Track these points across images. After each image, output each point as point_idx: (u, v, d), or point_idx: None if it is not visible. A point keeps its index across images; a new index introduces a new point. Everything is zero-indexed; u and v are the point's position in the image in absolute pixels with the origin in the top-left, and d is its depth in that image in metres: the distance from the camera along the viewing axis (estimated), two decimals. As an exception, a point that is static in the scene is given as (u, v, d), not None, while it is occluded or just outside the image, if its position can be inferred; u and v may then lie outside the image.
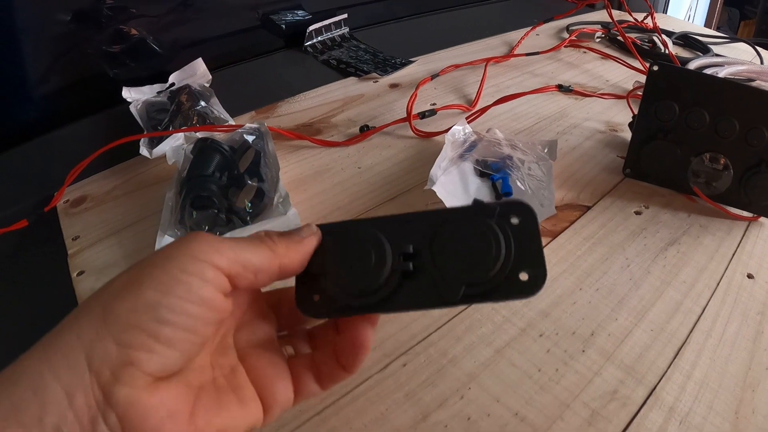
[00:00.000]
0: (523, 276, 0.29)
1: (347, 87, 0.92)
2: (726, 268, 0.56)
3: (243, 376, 0.30)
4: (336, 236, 0.32)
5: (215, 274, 0.27)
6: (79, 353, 0.24)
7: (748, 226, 0.62)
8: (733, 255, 0.58)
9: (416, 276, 0.30)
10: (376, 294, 0.30)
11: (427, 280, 0.30)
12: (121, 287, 0.26)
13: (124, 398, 0.24)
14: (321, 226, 0.32)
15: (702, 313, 0.51)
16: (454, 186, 0.61)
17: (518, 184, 0.60)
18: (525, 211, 0.30)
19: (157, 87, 0.79)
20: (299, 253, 0.31)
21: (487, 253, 0.29)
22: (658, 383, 0.45)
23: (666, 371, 0.46)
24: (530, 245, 0.29)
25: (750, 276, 0.56)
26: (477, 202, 0.31)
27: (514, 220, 0.30)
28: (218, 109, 0.76)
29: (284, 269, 0.30)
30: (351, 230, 0.32)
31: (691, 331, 0.49)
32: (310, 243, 0.31)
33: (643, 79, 0.62)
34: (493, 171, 0.62)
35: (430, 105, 0.85)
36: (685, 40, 1.16)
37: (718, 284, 0.54)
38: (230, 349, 0.31)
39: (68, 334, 0.24)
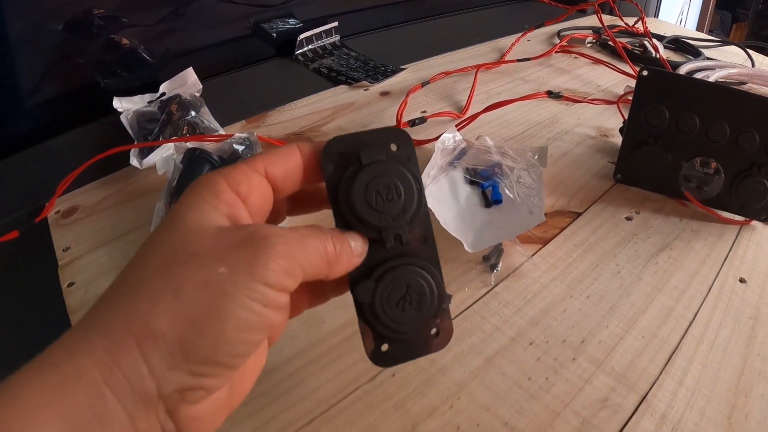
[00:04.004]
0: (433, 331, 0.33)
1: (338, 95, 0.91)
2: (718, 273, 0.56)
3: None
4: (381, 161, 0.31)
5: (284, 297, 0.27)
6: (148, 382, 0.23)
7: (740, 230, 0.62)
8: (725, 259, 0.58)
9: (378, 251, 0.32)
10: (371, 231, 0.31)
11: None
12: (194, 315, 0.24)
13: (185, 415, 0.25)
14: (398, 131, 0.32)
15: (694, 319, 0.51)
16: (443, 194, 0.61)
17: (507, 192, 0.60)
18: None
19: (147, 97, 0.79)
20: (348, 268, 0.31)
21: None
22: (649, 390, 0.44)
23: (657, 378, 0.45)
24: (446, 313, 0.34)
25: (742, 280, 0.56)
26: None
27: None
28: (208, 119, 0.75)
29: (329, 277, 0.30)
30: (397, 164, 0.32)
31: (682, 337, 0.49)
32: (358, 261, 0.31)
33: (633, 83, 0.63)
34: (482, 179, 0.62)
35: (421, 112, 0.85)
36: (676, 44, 1.16)
37: (710, 289, 0.54)
38: None
39: (135, 356, 0.23)
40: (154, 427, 0.24)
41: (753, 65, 1.07)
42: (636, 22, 1.22)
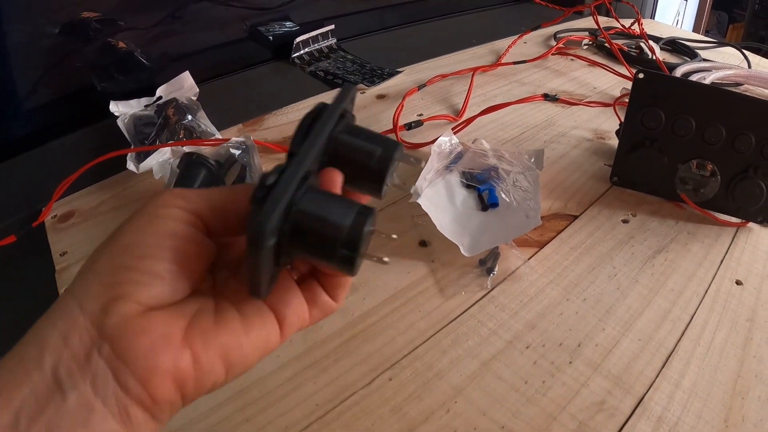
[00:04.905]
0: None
1: (335, 98, 0.91)
2: (714, 275, 0.56)
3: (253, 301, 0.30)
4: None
5: (181, 212, 0.28)
6: (73, 304, 0.25)
7: (736, 232, 0.62)
8: (722, 261, 0.58)
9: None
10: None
11: None
12: (103, 244, 0.27)
13: (114, 326, 0.24)
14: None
15: (690, 321, 0.51)
16: (439, 198, 0.61)
17: (503, 196, 0.60)
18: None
19: (144, 100, 0.79)
20: None
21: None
22: (646, 393, 0.44)
23: (654, 381, 0.45)
24: None
25: (738, 282, 0.56)
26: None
27: None
28: (205, 123, 0.75)
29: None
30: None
31: (679, 340, 0.49)
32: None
33: (630, 86, 0.63)
34: (479, 182, 0.62)
35: (417, 116, 0.85)
36: (673, 45, 1.16)
37: (706, 291, 0.54)
38: (232, 279, 0.31)
39: (65, 295, 0.26)
40: (84, 342, 0.24)
41: (749, 66, 1.07)
42: (632, 24, 1.22)
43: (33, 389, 0.23)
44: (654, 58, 1.02)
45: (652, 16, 1.61)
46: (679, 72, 0.93)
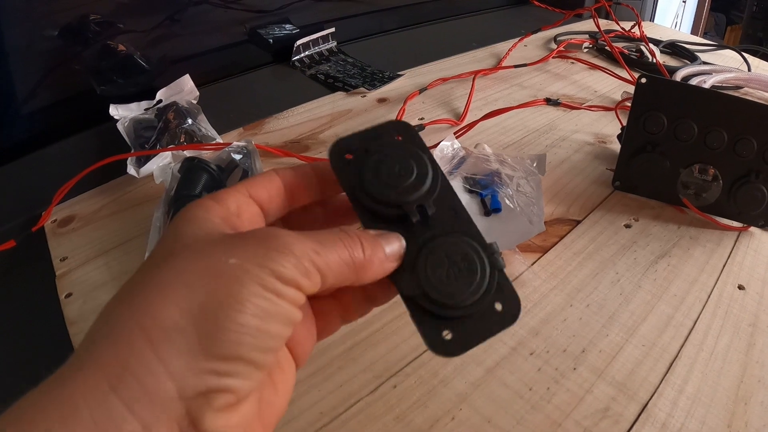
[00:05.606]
0: (498, 306, 0.28)
1: (335, 102, 0.91)
2: (717, 280, 0.56)
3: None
4: (395, 142, 0.30)
5: (299, 295, 0.24)
6: (167, 383, 0.21)
7: (738, 236, 0.62)
8: (724, 266, 0.58)
9: (407, 233, 0.29)
10: (385, 208, 0.29)
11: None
12: (210, 305, 0.22)
13: (211, 425, 0.22)
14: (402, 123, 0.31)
15: (693, 327, 0.51)
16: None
17: (506, 201, 0.60)
18: (512, 305, 0.29)
19: (144, 104, 0.78)
20: (380, 274, 0.28)
21: (463, 288, 0.28)
22: (650, 399, 0.44)
23: (658, 387, 0.45)
24: (480, 331, 0.28)
25: (741, 287, 0.56)
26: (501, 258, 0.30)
27: (498, 306, 0.29)
28: (205, 127, 0.75)
29: (357, 283, 0.28)
30: (413, 145, 0.31)
31: (682, 346, 0.49)
32: (392, 266, 0.28)
33: (631, 89, 0.63)
34: (481, 187, 0.62)
35: (419, 119, 0.85)
36: (673, 48, 1.16)
37: (709, 296, 0.54)
38: None
39: (148, 356, 0.21)
40: None
41: (749, 69, 1.07)
42: (632, 27, 1.22)
43: None
44: (654, 61, 1.02)
45: (652, 19, 1.61)
46: (679, 75, 0.93)
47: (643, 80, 0.62)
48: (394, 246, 0.28)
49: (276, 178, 0.29)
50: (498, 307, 0.28)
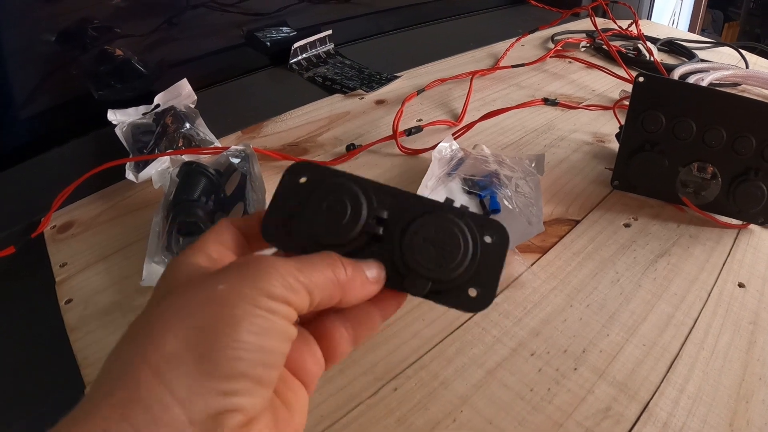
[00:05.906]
0: (472, 292, 0.30)
1: (333, 104, 0.91)
2: (717, 278, 0.56)
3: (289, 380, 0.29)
4: (316, 180, 0.31)
5: (290, 311, 0.25)
6: (174, 409, 0.21)
7: (737, 234, 0.62)
8: (724, 264, 0.58)
9: (382, 245, 0.30)
10: (343, 247, 0.30)
11: (389, 254, 0.30)
12: (207, 328, 0.23)
13: None
14: (302, 165, 0.32)
15: (694, 326, 0.51)
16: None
17: (505, 202, 0.60)
18: (500, 233, 0.31)
19: (142, 108, 0.78)
20: (364, 294, 0.29)
21: (455, 257, 0.29)
22: (651, 399, 0.44)
23: (659, 386, 0.45)
24: (492, 266, 0.30)
25: (741, 285, 0.56)
26: (464, 208, 0.31)
27: (488, 239, 0.30)
28: (204, 131, 0.75)
29: (343, 303, 0.29)
30: (332, 178, 0.31)
31: (683, 344, 0.49)
32: (375, 288, 0.30)
33: (629, 88, 0.63)
34: (480, 188, 0.62)
35: (417, 121, 0.85)
36: (670, 46, 1.16)
37: (709, 295, 0.54)
38: None
39: (155, 386, 0.22)
40: None
41: (747, 66, 1.07)
42: (630, 25, 1.22)
43: None
44: (652, 59, 1.02)
45: (649, 17, 1.62)
46: (677, 73, 0.93)
47: (641, 79, 0.62)
48: (373, 271, 0.30)
49: (231, 226, 0.30)
50: (488, 239, 0.31)
